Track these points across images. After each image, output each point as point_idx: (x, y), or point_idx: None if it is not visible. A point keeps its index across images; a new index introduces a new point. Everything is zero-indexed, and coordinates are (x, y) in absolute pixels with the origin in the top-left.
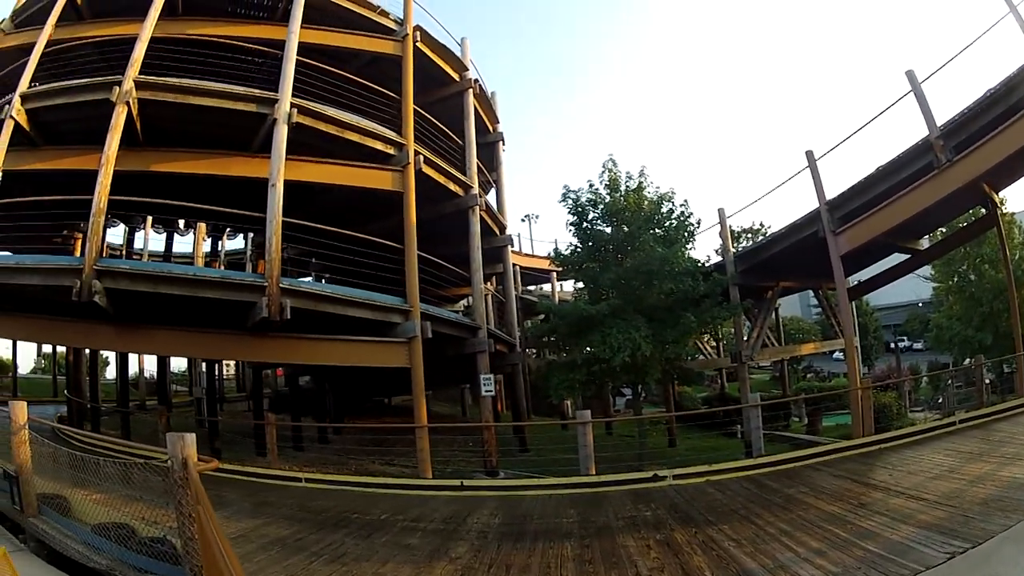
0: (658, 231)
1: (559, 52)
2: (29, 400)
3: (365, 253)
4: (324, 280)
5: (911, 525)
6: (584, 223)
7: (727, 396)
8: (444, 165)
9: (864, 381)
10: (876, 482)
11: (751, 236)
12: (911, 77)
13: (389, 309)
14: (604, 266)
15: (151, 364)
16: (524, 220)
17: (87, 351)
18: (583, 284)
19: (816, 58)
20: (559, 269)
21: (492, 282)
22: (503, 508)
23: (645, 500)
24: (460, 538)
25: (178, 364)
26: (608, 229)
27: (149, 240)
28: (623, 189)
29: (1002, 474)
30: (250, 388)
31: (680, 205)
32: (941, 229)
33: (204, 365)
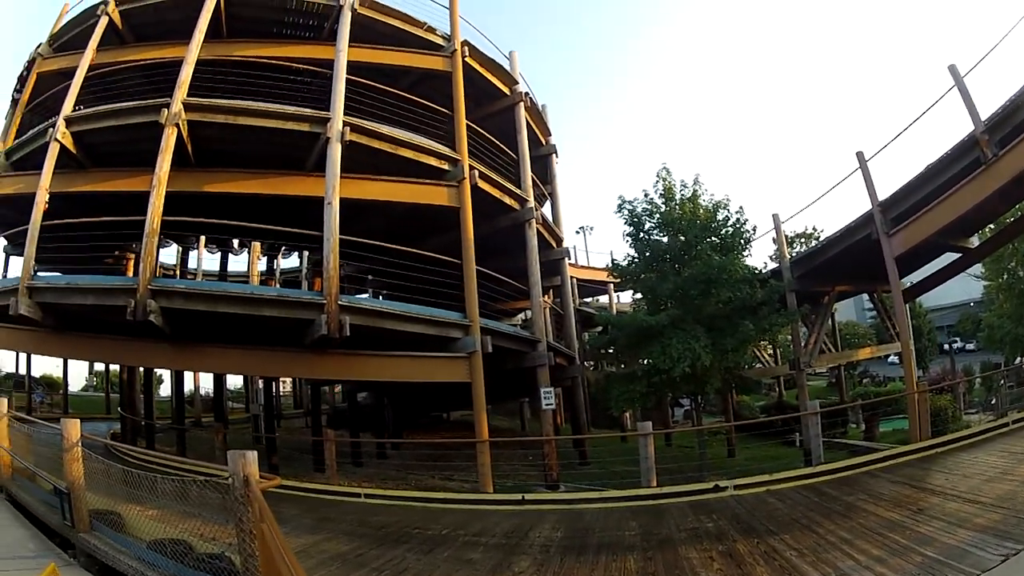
0: (714, 239)
1: (594, 53)
2: (81, 417)
3: (421, 269)
4: (381, 296)
5: (967, 529)
6: (641, 233)
7: (785, 404)
8: (499, 179)
9: (920, 385)
10: (933, 487)
11: (804, 241)
12: (953, 72)
13: (449, 324)
14: (662, 276)
15: (206, 381)
16: (579, 232)
17: (141, 369)
18: (641, 295)
19: (853, 55)
20: (617, 280)
21: (550, 295)
22: (565, 521)
23: (706, 511)
24: (522, 552)
25: (234, 381)
26: (665, 239)
27: (202, 259)
28: (678, 198)
29: None
30: (307, 404)
31: (736, 212)
32: (990, 225)
33: (261, 382)
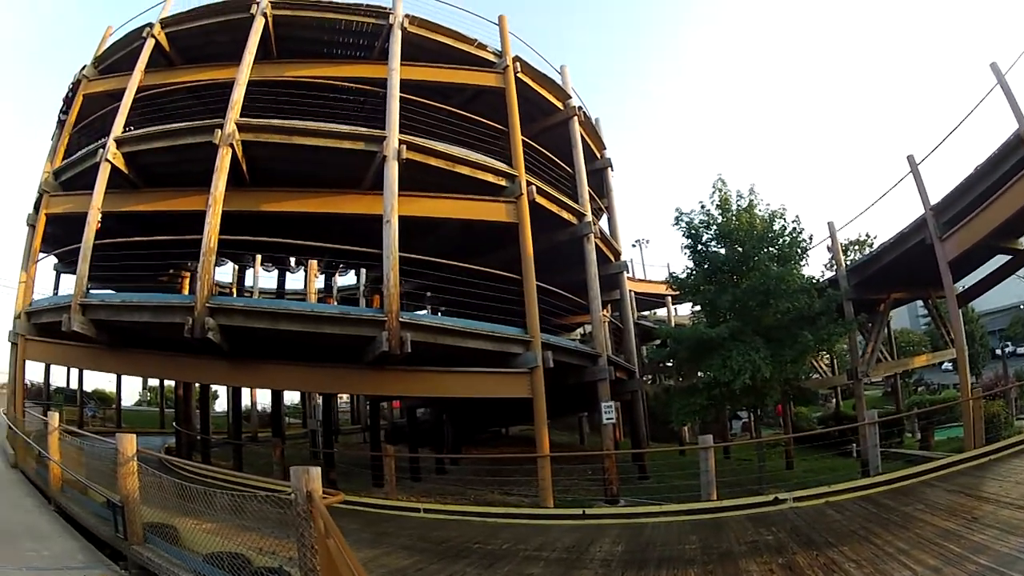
0: (772, 249)
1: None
2: (134, 431)
3: (479, 284)
4: (440, 313)
5: (1019, 536)
6: (698, 245)
7: (841, 415)
8: (556, 194)
9: (975, 391)
10: (987, 494)
11: (858, 248)
12: (995, 70)
13: (509, 340)
14: (721, 288)
15: (262, 397)
16: (635, 245)
17: (197, 384)
18: (700, 307)
19: (893, 56)
20: (675, 293)
21: (608, 309)
22: (625, 536)
23: (766, 524)
24: (583, 567)
25: (290, 397)
26: (722, 250)
27: (259, 277)
28: (734, 208)
29: None
30: (365, 420)
31: (792, 221)
32: None
33: (320, 398)
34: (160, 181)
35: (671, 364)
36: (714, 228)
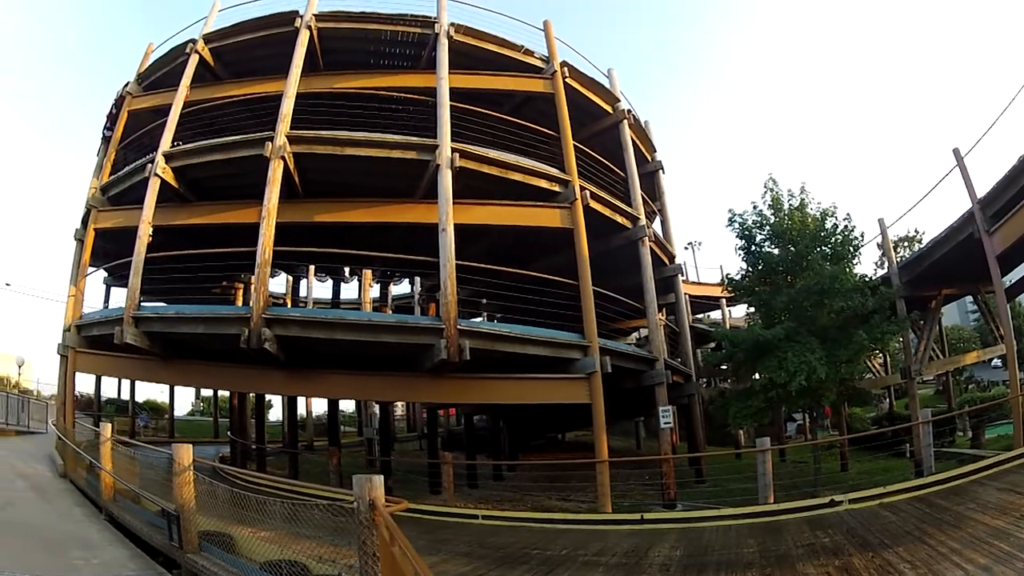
0: (825, 248)
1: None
2: (187, 441)
3: (533, 290)
4: (495, 319)
5: None
6: (752, 246)
7: (895, 415)
8: (609, 198)
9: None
10: None
11: (907, 245)
12: None
13: (567, 345)
14: (775, 288)
15: (317, 407)
16: (687, 248)
17: (252, 394)
18: (755, 308)
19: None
20: (730, 295)
21: (663, 312)
22: (684, 540)
23: (822, 526)
24: (642, 572)
25: (345, 405)
26: (776, 250)
27: (312, 287)
28: (786, 208)
29: None
30: (420, 428)
31: (843, 219)
32: None
33: (376, 406)
34: (209, 194)
35: (726, 367)
36: (767, 228)
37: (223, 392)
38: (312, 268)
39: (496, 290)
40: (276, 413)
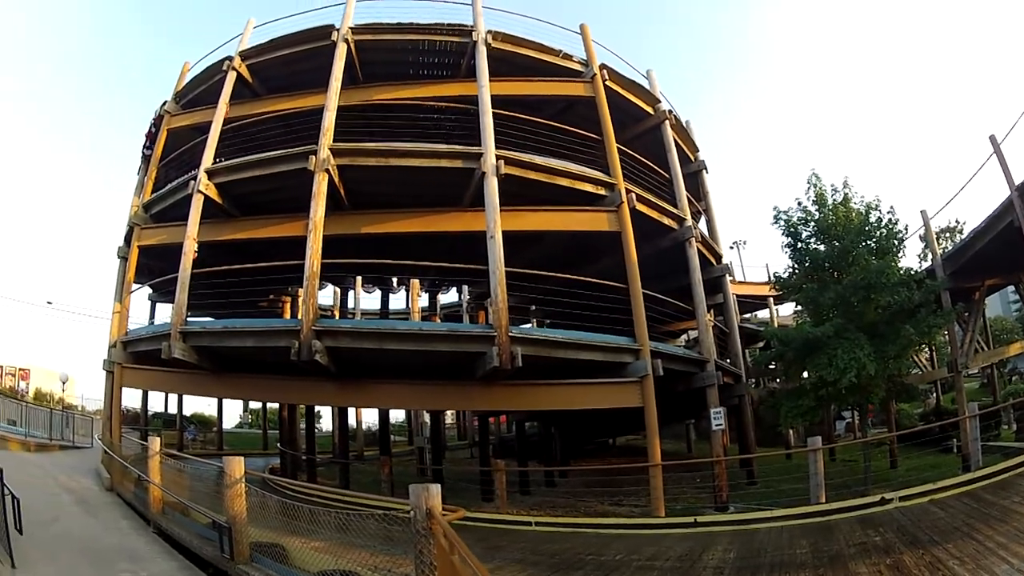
0: (870, 243)
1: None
2: (236, 453)
3: (583, 295)
4: (545, 325)
5: None
6: (798, 243)
7: (942, 410)
8: (655, 200)
9: None
10: None
11: (948, 236)
12: None
13: (619, 349)
14: (822, 285)
15: (367, 417)
16: (732, 247)
17: (302, 405)
18: (803, 306)
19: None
20: (777, 293)
21: (711, 313)
22: (737, 542)
23: (873, 524)
24: (697, 575)
25: (395, 415)
26: (821, 247)
27: (360, 299)
28: (830, 203)
29: None
30: (471, 436)
31: (887, 212)
32: None
33: (427, 415)
34: (253, 209)
35: (775, 367)
36: (812, 225)
37: (272, 404)
38: (359, 279)
39: (545, 295)
40: (325, 424)
